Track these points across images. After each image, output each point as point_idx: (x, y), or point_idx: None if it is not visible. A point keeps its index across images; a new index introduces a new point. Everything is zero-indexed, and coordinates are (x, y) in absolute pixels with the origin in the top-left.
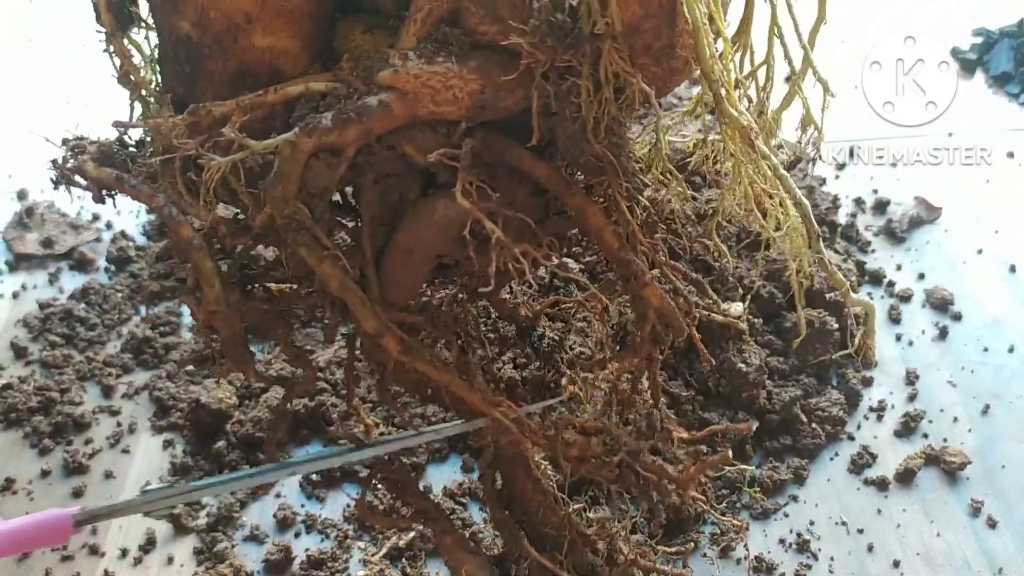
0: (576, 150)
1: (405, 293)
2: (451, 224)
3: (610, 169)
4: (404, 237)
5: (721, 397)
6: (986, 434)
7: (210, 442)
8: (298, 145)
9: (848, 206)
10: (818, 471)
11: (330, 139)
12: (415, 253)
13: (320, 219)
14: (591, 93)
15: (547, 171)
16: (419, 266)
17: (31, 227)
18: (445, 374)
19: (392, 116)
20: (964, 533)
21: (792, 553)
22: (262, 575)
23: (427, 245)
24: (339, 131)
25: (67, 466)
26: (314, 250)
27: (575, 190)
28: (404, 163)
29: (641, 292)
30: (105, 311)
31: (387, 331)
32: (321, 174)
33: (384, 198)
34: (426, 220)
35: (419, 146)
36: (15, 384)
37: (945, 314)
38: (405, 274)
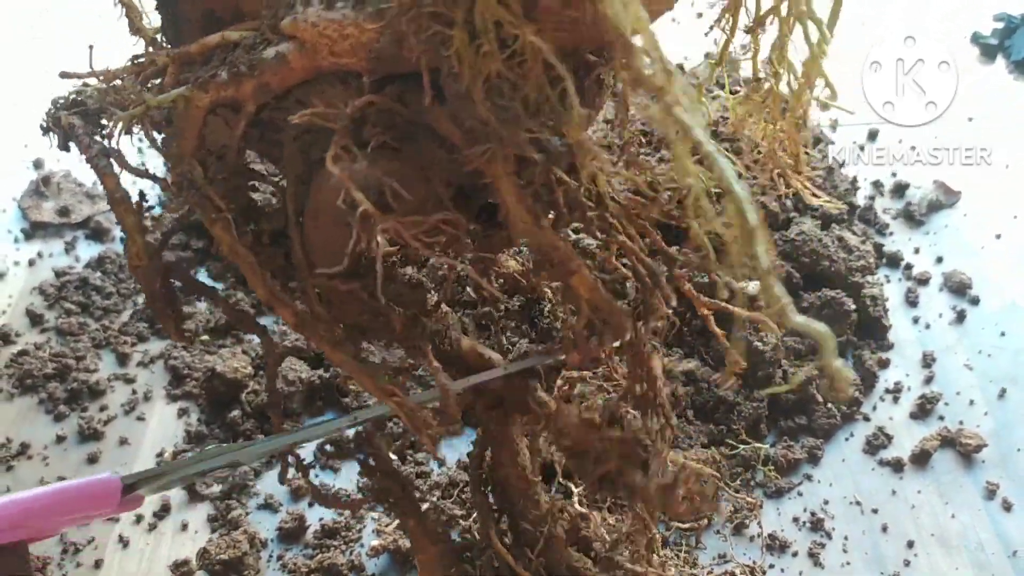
0: (463, 112)
1: (330, 258)
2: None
3: (494, 136)
4: (313, 199)
5: (737, 375)
6: (1002, 418)
7: (225, 411)
8: (192, 100)
9: (867, 188)
10: (833, 451)
11: (227, 94)
12: (321, 216)
13: (214, 179)
14: (466, 44)
15: (460, 135)
16: (331, 230)
17: (47, 196)
18: (338, 354)
19: (290, 69)
20: (979, 515)
21: (806, 531)
22: (276, 543)
23: (329, 208)
24: (235, 86)
25: (82, 432)
26: (206, 210)
27: (491, 157)
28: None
29: (568, 280)
30: (121, 280)
31: (279, 302)
32: (220, 131)
33: (304, 155)
34: (326, 183)
35: (330, 100)
36: (31, 351)
37: (963, 298)
38: (320, 238)
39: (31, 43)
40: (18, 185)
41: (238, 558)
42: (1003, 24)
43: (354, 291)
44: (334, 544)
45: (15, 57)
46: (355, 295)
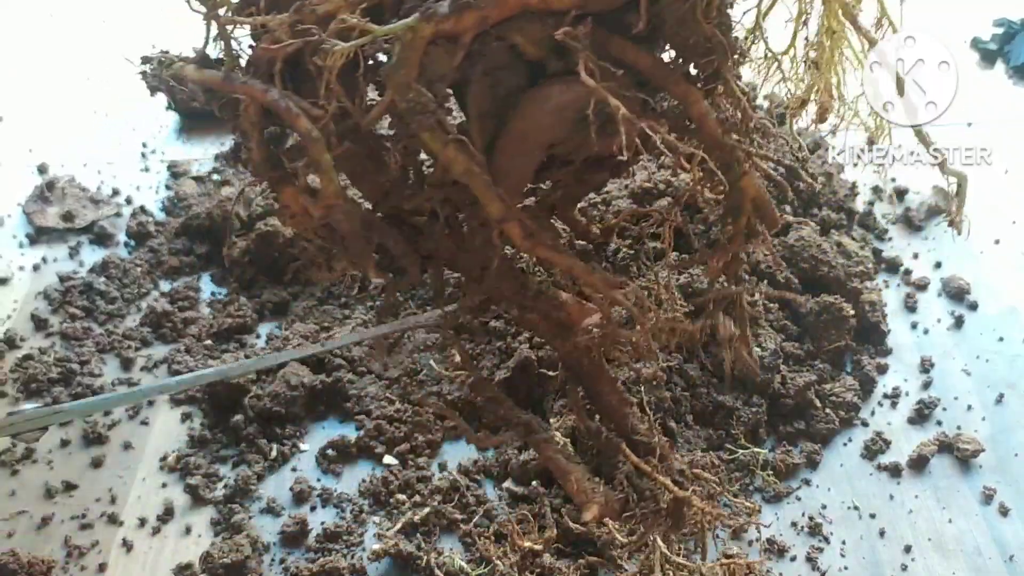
0: (686, 32)
1: (515, 186)
2: (567, 108)
3: (719, 49)
4: (519, 124)
5: (736, 380)
6: (1000, 423)
7: (228, 416)
8: (418, 30)
9: (866, 194)
10: (831, 456)
11: (448, 25)
12: (529, 140)
13: (441, 104)
14: None
15: (651, 61)
16: (532, 155)
17: (52, 201)
18: (569, 258)
19: (508, 3)
20: (976, 520)
21: (804, 536)
22: (278, 547)
23: (543, 131)
24: (456, 17)
25: (86, 436)
26: (438, 135)
27: (679, 77)
28: (513, 55)
29: (740, 182)
30: (124, 285)
31: (513, 215)
32: (440, 60)
33: (494, 91)
34: (542, 105)
35: (530, 36)
36: (36, 355)
37: (961, 303)
38: (517, 164)
39: (34, 50)
40: (23, 190)
41: (240, 562)
42: (1002, 29)
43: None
44: (335, 548)
45: (19, 63)
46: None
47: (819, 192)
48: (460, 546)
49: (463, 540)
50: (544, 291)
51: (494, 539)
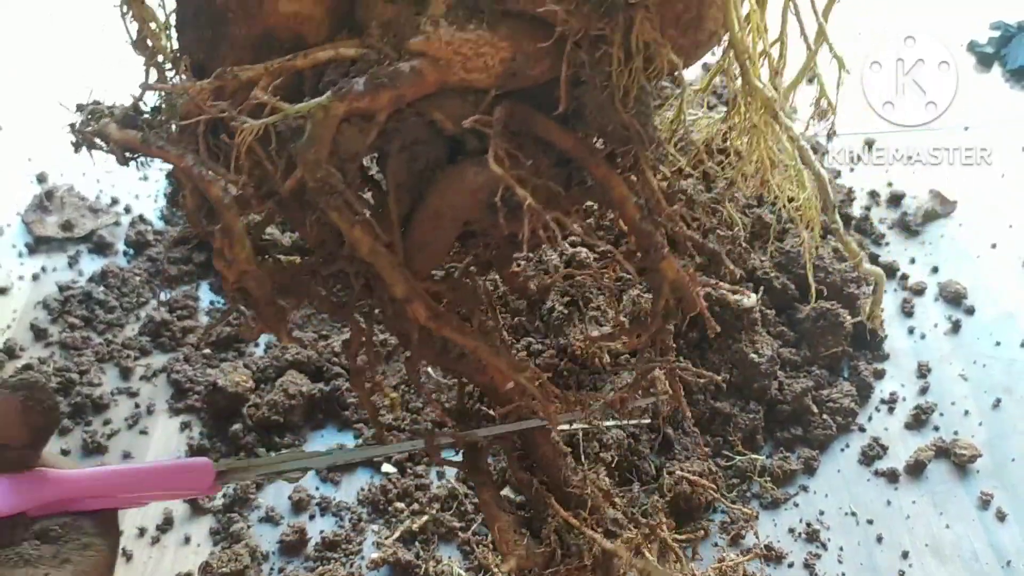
0: (604, 119)
1: (430, 260)
2: (481, 189)
3: (636, 138)
4: (435, 201)
5: (733, 387)
6: (997, 428)
7: (226, 425)
8: (331, 109)
9: (862, 199)
10: (828, 462)
11: (363, 104)
12: (444, 218)
13: (351, 184)
14: (622, 62)
15: (573, 141)
16: (447, 231)
17: (51, 210)
18: (472, 339)
19: (424, 82)
20: (973, 525)
21: (801, 542)
22: (277, 556)
23: (457, 210)
24: (372, 96)
25: (86, 446)
26: (345, 215)
27: (600, 160)
28: (431, 130)
29: (658, 265)
30: (124, 294)
31: (416, 296)
32: (353, 138)
33: (411, 165)
34: (456, 185)
35: (448, 113)
36: (35, 365)
37: (958, 308)
38: (432, 240)
39: (33, 58)
40: (22, 200)
41: (240, 571)
42: (999, 33)
43: (440, 292)
44: (334, 557)
45: (18, 72)
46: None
47: None
48: (458, 554)
49: (461, 548)
50: (465, 355)
51: (492, 547)
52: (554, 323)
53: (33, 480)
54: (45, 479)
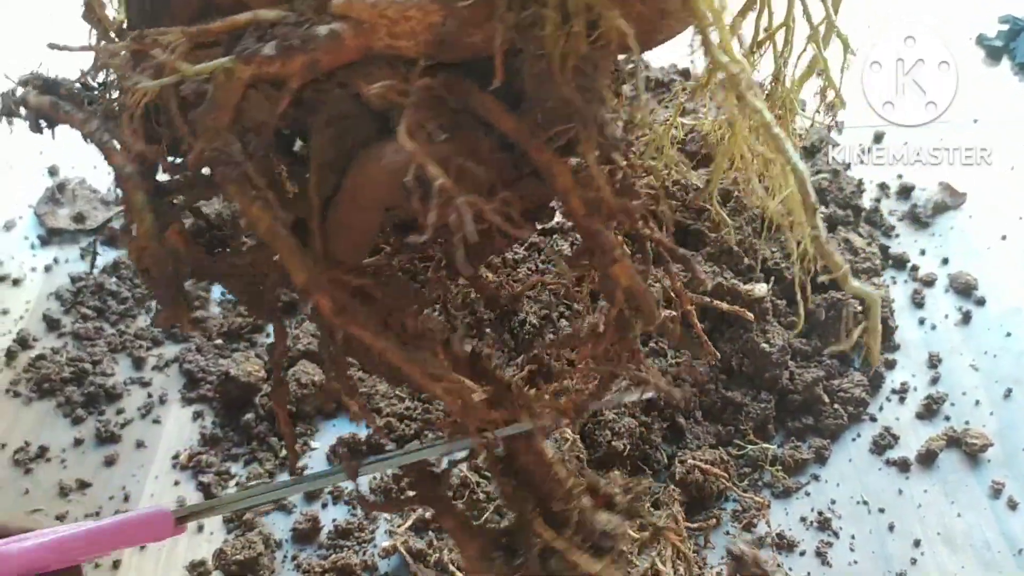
0: (542, 92)
1: (353, 250)
2: (400, 169)
3: (577, 116)
4: (350, 182)
5: (744, 376)
6: (1008, 418)
7: (239, 414)
8: (235, 72)
9: (872, 191)
10: (840, 451)
11: (271, 69)
12: (361, 200)
13: (253, 155)
14: (558, 26)
15: (514, 123)
16: (366, 216)
17: (63, 202)
18: (381, 340)
19: (343, 47)
20: (984, 514)
21: (813, 531)
22: (290, 543)
23: (374, 192)
24: (282, 60)
25: (99, 435)
26: (243, 189)
27: (541, 144)
28: (358, 104)
29: (608, 269)
30: (136, 285)
31: (319, 286)
32: (259, 106)
33: (337, 142)
34: (374, 164)
35: (374, 84)
36: (48, 355)
37: (968, 299)
38: (352, 225)
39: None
40: (34, 192)
41: (253, 558)
42: (1008, 26)
43: (366, 286)
44: (347, 545)
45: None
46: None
47: (825, 189)
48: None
49: (497, 524)
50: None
51: None
52: (524, 337)
53: None
54: None
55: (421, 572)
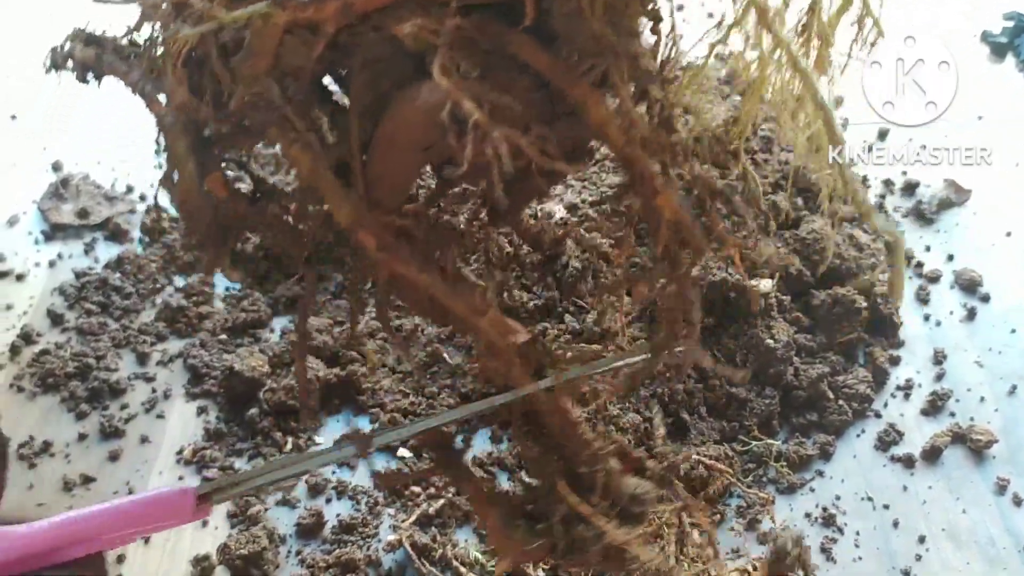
0: (573, 29)
1: (393, 191)
2: (436, 109)
3: (608, 51)
4: (388, 124)
5: (749, 372)
6: (1012, 414)
7: (243, 409)
8: (271, 17)
9: (877, 187)
10: (844, 447)
11: (306, 14)
12: (398, 142)
13: (292, 99)
14: None
15: (548, 60)
16: (404, 158)
17: (66, 198)
18: (424, 276)
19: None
20: (989, 511)
21: (818, 527)
22: (294, 538)
23: (410, 132)
24: (316, 5)
25: (103, 430)
26: (284, 132)
27: (577, 80)
28: (394, 47)
29: (653, 199)
30: (140, 280)
31: (363, 223)
32: (296, 51)
33: (373, 85)
34: (410, 105)
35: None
36: (52, 350)
37: (973, 295)
38: (390, 167)
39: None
40: (38, 188)
41: (257, 553)
42: (1013, 23)
43: (409, 227)
44: (351, 539)
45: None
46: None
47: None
48: (475, 538)
49: (478, 531)
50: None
51: None
52: (567, 280)
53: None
54: (5, 537)
55: (425, 567)
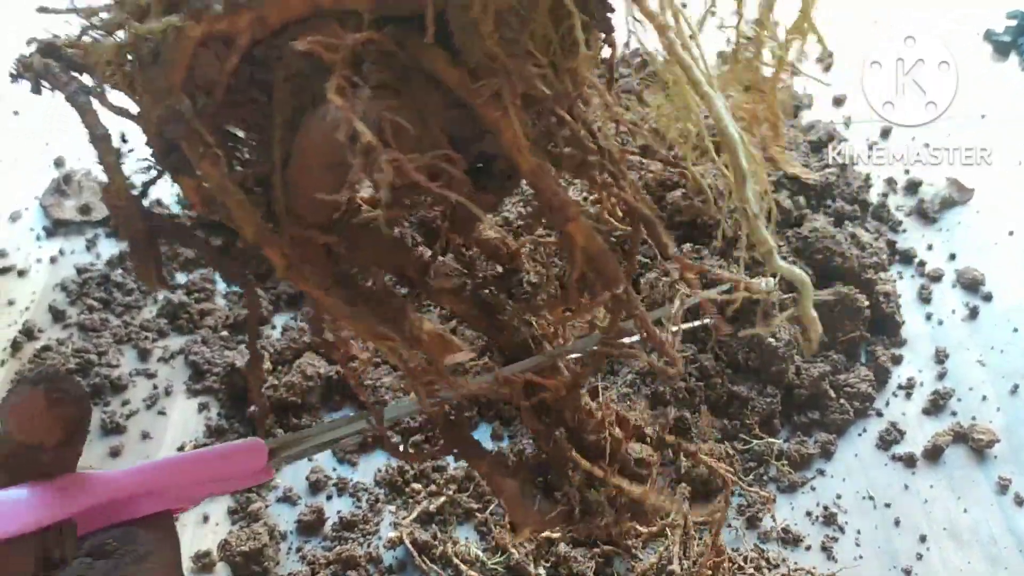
0: (469, 46)
1: (313, 207)
2: (341, 127)
3: (501, 70)
4: (300, 140)
5: (750, 371)
6: (1014, 413)
7: (244, 406)
8: (183, 30)
9: (880, 186)
10: (846, 446)
11: (221, 26)
12: (309, 158)
13: (203, 113)
14: None
15: (457, 75)
16: (317, 174)
17: (69, 194)
18: (328, 298)
19: (289, 3)
20: (991, 510)
21: (819, 526)
22: (295, 535)
23: (319, 150)
24: (230, 17)
25: (105, 426)
26: (193, 145)
27: (487, 98)
28: (312, 61)
29: (564, 227)
30: None
31: (267, 240)
32: (210, 64)
33: (296, 98)
34: (318, 122)
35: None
36: (54, 346)
37: (976, 294)
38: (305, 183)
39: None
40: (40, 183)
41: (258, 550)
42: (1016, 22)
43: (331, 244)
44: (352, 536)
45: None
46: (331, 249)
47: (832, 184)
48: (476, 535)
49: (479, 529)
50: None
51: (510, 527)
52: (521, 295)
53: (73, 484)
54: (85, 482)
55: (425, 564)
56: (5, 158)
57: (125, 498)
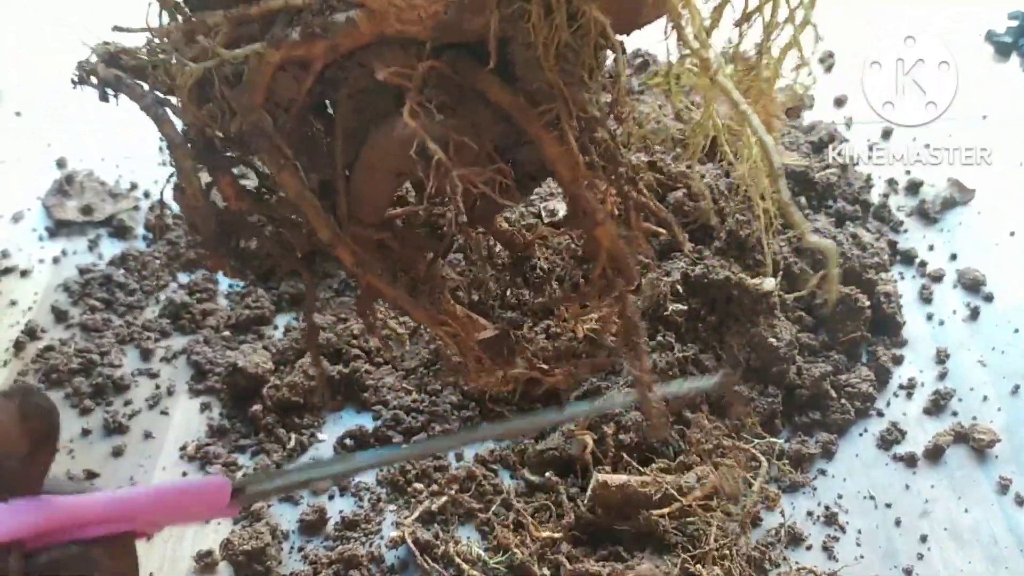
0: (531, 76)
1: (373, 210)
2: (407, 142)
3: (559, 97)
4: (367, 152)
5: (751, 371)
6: (1015, 413)
7: (246, 406)
8: (265, 56)
9: (881, 186)
10: (847, 446)
11: (298, 52)
12: (376, 168)
13: (283, 129)
14: (541, 18)
15: (510, 97)
16: (381, 182)
17: (71, 194)
18: (392, 290)
19: (358, 33)
20: (992, 510)
21: (820, 526)
22: (297, 535)
23: (386, 161)
24: (306, 45)
25: (107, 426)
26: (274, 157)
27: (533, 118)
28: (376, 80)
29: (593, 231)
30: (144, 277)
31: (340, 242)
32: (288, 86)
33: (357, 114)
34: (386, 135)
35: (388, 64)
36: (56, 346)
37: (977, 295)
38: (369, 190)
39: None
40: (42, 184)
41: (260, 549)
42: (1017, 22)
43: (386, 240)
44: (354, 536)
45: (37, 58)
46: (386, 243)
47: (833, 184)
48: (477, 535)
49: (480, 529)
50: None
51: (512, 528)
52: (535, 281)
53: (33, 505)
54: (47, 504)
55: (427, 564)
56: (7, 158)
57: (83, 524)
